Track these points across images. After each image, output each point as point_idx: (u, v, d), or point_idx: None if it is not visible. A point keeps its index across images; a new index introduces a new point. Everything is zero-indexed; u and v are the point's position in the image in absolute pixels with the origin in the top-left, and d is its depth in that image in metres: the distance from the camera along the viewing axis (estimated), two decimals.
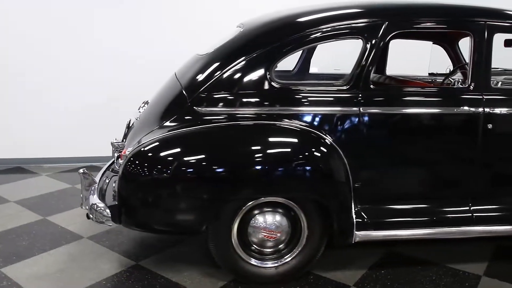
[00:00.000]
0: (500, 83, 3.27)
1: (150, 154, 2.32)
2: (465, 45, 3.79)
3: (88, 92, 4.67)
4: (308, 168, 2.34)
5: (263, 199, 2.40)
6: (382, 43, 2.39)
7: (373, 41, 2.38)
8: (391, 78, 3.27)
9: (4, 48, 4.52)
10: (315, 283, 2.56)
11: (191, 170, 2.29)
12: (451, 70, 3.56)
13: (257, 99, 2.40)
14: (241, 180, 2.32)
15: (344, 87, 2.41)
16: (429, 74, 3.87)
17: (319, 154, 2.36)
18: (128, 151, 2.40)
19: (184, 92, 2.48)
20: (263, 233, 2.44)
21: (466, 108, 2.48)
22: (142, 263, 2.76)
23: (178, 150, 2.32)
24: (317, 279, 2.60)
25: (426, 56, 4.79)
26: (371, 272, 2.68)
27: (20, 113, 4.67)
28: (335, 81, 2.47)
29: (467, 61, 2.56)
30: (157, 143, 2.32)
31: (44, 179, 4.34)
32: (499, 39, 3.40)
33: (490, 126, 2.51)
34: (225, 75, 2.41)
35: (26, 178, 4.38)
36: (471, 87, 2.51)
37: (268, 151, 2.32)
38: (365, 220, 2.47)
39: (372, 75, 2.52)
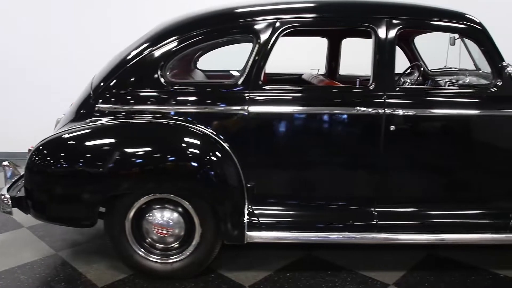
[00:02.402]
0: (448, 83, 3.13)
1: (46, 150, 2.43)
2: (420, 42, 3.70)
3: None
4: (194, 167, 2.36)
5: (153, 196, 2.44)
6: (272, 41, 2.36)
7: (263, 40, 2.35)
8: (319, 78, 3.19)
9: (5, 43, 4.85)
10: (212, 282, 2.56)
11: (81, 165, 2.37)
12: (404, 70, 3.45)
13: (150, 97, 2.45)
14: (127, 176, 2.37)
15: (234, 86, 2.40)
16: None
17: (206, 153, 2.37)
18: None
19: (91, 90, 2.58)
20: (156, 229, 2.48)
21: (364, 108, 2.38)
22: (61, 253, 2.89)
23: (71, 146, 2.42)
24: (217, 278, 2.60)
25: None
26: (275, 274, 2.64)
27: (20, 108, 5.00)
28: (226, 80, 2.46)
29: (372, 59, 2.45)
30: (53, 139, 2.44)
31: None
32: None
33: (392, 127, 2.40)
34: (121, 74, 2.48)
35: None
36: (371, 87, 2.41)
37: (152, 149, 2.37)
38: (258, 220, 2.45)
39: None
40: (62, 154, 2.41)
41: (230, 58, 3.64)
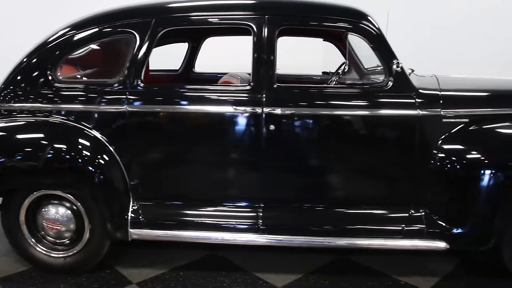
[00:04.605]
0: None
1: None
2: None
3: None
4: (77, 167, 2.41)
5: (43, 192, 2.51)
6: (151, 40, 2.37)
7: (142, 39, 2.37)
8: (223, 77, 3.13)
9: (5, 42, 5.05)
10: (104, 277, 2.60)
11: None
12: (337, 68, 3.37)
13: (40, 96, 2.50)
14: (16, 172, 2.46)
15: (114, 85, 2.43)
16: (323, 73, 3.64)
17: (91, 152, 2.41)
18: None
19: None
20: (48, 224, 2.55)
21: (242, 108, 2.34)
22: None
23: None
24: (110, 274, 2.64)
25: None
26: (168, 273, 2.65)
27: None
28: (108, 80, 2.47)
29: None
30: None
31: None
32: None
33: (272, 127, 2.35)
34: (17, 73, 2.56)
35: None
36: (250, 87, 2.37)
37: (38, 148, 2.43)
38: (141, 218, 2.47)
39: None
40: None
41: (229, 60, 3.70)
